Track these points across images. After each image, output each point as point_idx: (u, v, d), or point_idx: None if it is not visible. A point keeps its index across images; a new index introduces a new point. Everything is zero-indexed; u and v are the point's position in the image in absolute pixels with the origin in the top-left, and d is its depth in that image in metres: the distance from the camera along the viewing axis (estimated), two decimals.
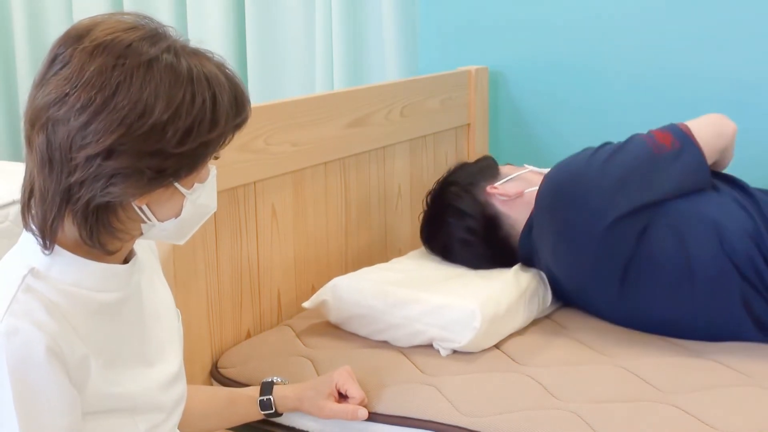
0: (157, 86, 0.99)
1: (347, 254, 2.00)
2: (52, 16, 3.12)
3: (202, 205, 1.12)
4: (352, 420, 1.46)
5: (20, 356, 1.01)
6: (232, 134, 1.08)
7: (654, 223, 1.67)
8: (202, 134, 1.03)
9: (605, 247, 1.68)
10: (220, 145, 1.08)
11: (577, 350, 1.66)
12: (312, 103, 1.87)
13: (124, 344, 1.15)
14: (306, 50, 2.67)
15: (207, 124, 1.03)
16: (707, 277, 1.64)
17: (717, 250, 1.64)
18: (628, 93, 2.31)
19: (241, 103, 1.08)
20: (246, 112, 1.09)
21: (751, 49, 2.17)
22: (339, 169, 1.95)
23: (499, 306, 1.67)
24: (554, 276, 1.81)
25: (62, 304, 1.07)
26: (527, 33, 2.41)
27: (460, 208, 1.89)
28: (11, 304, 1.03)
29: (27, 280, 1.06)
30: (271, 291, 1.80)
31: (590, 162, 1.73)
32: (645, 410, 1.41)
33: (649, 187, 1.69)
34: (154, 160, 1.01)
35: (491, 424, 1.40)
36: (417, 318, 1.65)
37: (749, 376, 1.52)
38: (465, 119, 2.40)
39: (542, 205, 1.77)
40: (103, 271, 1.11)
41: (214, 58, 1.07)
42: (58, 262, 1.09)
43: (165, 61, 1.01)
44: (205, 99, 1.03)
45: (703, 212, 1.68)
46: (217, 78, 1.05)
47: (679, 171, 1.72)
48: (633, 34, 2.29)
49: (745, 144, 2.01)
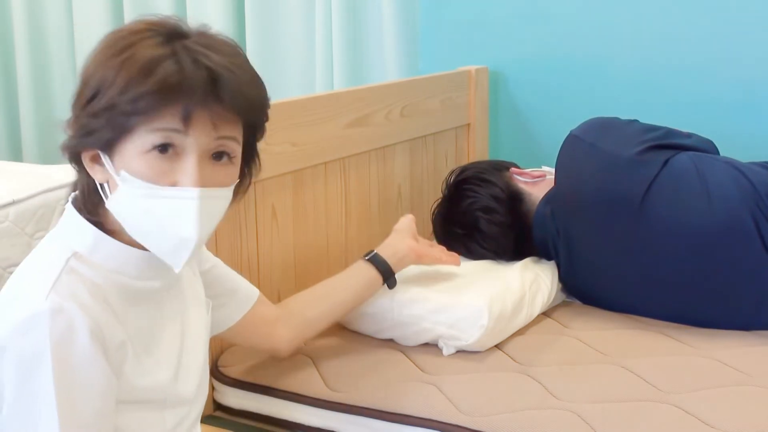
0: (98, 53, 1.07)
1: (347, 254, 2.00)
2: (52, 16, 3.12)
3: (148, 209, 1.05)
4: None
5: (63, 335, 1.01)
6: (150, 106, 1.02)
7: (677, 157, 1.78)
8: (108, 92, 1.03)
9: (635, 166, 1.75)
10: (136, 115, 1.02)
11: (578, 350, 1.66)
12: (312, 103, 1.87)
13: (164, 334, 1.16)
14: (306, 50, 2.67)
15: (105, 84, 1.04)
16: (722, 195, 1.71)
17: (732, 174, 1.73)
18: (629, 93, 2.31)
19: (151, 69, 1.02)
20: (155, 79, 1.02)
21: (754, 48, 2.17)
22: (339, 169, 1.95)
23: (506, 304, 1.67)
24: (567, 229, 1.84)
25: (105, 288, 1.08)
26: (527, 33, 2.41)
27: (486, 178, 1.96)
28: (56, 284, 1.04)
29: (70, 263, 1.07)
30: (271, 291, 1.79)
31: (617, 118, 1.91)
32: (645, 410, 1.41)
33: (669, 137, 1.85)
34: (82, 118, 1.06)
35: (491, 424, 1.40)
36: (424, 316, 1.65)
37: (749, 376, 1.52)
38: (465, 119, 2.40)
39: (576, 133, 1.87)
40: (144, 258, 1.12)
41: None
42: (101, 247, 1.10)
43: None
44: (119, 61, 1.03)
45: (722, 158, 1.83)
46: (148, 45, 1.04)
47: (694, 139, 1.90)
48: (634, 34, 2.29)
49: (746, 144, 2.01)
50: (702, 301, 1.73)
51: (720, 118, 2.20)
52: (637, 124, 1.89)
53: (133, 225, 1.08)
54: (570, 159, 1.86)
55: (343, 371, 1.58)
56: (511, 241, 1.91)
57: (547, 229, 1.88)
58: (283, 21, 2.68)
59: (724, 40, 2.19)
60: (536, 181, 1.97)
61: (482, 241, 1.91)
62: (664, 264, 1.73)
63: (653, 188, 1.73)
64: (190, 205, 1.05)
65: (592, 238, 1.81)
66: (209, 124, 1.05)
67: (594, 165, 1.80)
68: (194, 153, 1.05)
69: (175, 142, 1.04)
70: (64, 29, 3.10)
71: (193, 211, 1.05)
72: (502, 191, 1.94)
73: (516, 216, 1.92)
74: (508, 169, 2.01)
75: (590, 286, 1.87)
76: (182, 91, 1.02)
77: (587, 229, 1.81)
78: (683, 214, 1.71)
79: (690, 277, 1.72)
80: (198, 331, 1.25)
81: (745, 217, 1.68)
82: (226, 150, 1.09)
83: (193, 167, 1.05)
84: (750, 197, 1.69)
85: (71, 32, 3.07)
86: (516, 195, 1.95)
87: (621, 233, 1.76)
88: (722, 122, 2.19)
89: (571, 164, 1.85)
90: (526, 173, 1.99)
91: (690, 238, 1.70)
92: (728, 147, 1.95)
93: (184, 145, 1.05)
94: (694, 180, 1.74)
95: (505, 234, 1.91)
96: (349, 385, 1.54)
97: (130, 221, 1.08)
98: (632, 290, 1.80)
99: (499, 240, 1.91)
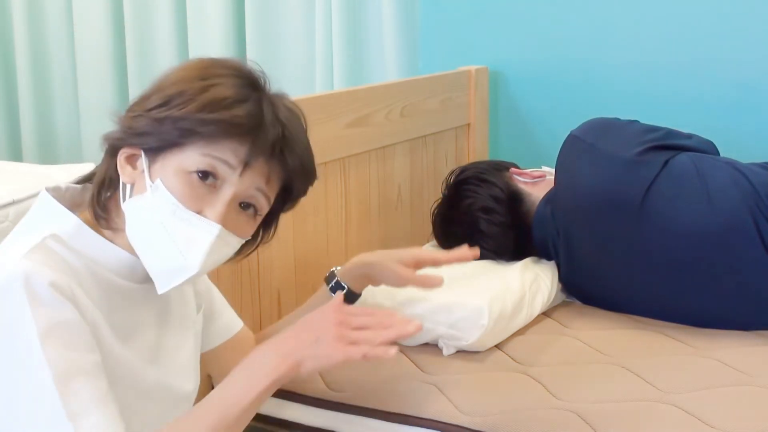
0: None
1: (347, 254, 2.00)
2: (52, 16, 3.12)
3: (165, 224, 1.06)
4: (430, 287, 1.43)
5: (40, 294, 1.01)
6: (202, 136, 1.05)
7: (677, 158, 1.77)
8: (183, 106, 1.05)
9: (635, 167, 1.75)
10: (200, 136, 1.04)
11: (578, 350, 1.66)
12: (312, 103, 1.87)
13: (138, 331, 1.15)
14: (306, 50, 2.67)
15: (181, 99, 1.05)
16: (722, 195, 1.70)
17: (732, 175, 1.73)
18: (629, 93, 2.31)
19: (234, 103, 1.06)
20: (235, 113, 1.05)
21: (754, 48, 2.17)
22: (339, 169, 1.94)
23: (506, 303, 1.67)
24: (567, 229, 1.83)
25: (80, 271, 1.07)
26: (527, 33, 2.41)
27: (486, 178, 1.96)
28: (28, 253, 1.04)
29: (46, 241, 1.07)
30: (271, 291, 1.80)
31: (617, 119, 1.91)
32: (645, 410, 1.41)
33: (669, 138, 1.85)
34: (142, 119, 1.07)
35: (491, 424, 1.40)
36: (425, 316, 1.65)
37: (749, 376, 1.53)
38: (465, 119, 2.40)
39: (576, 133, 1.87)
40: (123, 257, 1.12)
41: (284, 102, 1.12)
42: (82, 236, 1.10)
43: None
44: (203, 85, 1.06)
45: (722, 159, 1.83)
46: (234, 83, 1.07)
47: (694, 140, 1.90)
48: (634, 34, 2.29)
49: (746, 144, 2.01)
50: (702, 302, 1.73)
51: (720, 118, 2.20)
52: (637, 125, 1.89)
53: (140, 233, 1.09)
54: (570, 160, 1.86)
55: (343, 371, 1.58)
56: (511, 241, 1.91)
57: (547, 229, 1.88)
58: (283, 21, 2.68)
59: (724, 40, 2.19)
60: (536, 182, 1.97)
61: (482, 241, 1.91)
62: (665, 264, 1.73)
63: (653, 189, 1.73)
64: (207, 238, 1.07)
65: (592, 239, 1.81)
66: (264, 177, 1.09)
67: (594, 166, 1.80)
68: (231, 192, 1.08)
69: (220, 175, 1.07)
70: (64, 29, 3.10)
71: (207, 243, 1.07)
72: (501, 191, 1.94)
73: (516, 216, 1.93)
74: (507, 170, 2.01)
75: (590, 287, 1.87)
76: (256, 136, 1.06)
77: (587, 230, 1.82)
78: (683, 214, 1.71)
79: (690, 278, 1.72)
80: (184, 324, 1.25)
81: (746, 217, 1.68)
82: (256, 204, 1.11)
83: (223, 204, 1.07)
84: (750, 198, 1.69)
85: (71, 32, 3.06)
86: (516, 195, 1.95)
87: (621, 234, 1.76)
88: (722, 122, 2.19)
89: (571, 165, 1.85)
90: (526, 173, 1.99)
91: (690, 238, 1.70)
92: (728, 147, 1.95)
93: (227, 182, 1.07)
94: (694, 180, 1.74)
95: (504, 234, 1.91)
96: (349, 385, 1.54)
97: (140, 228, 1.09)
98: (632, 290, 1.80)
99: (499, 240, 1.91)
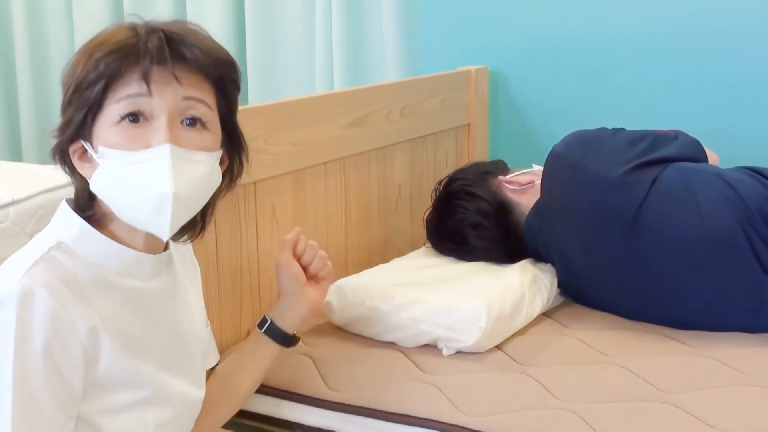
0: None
1: (347, 254, 2.00)
2: (51, 16, 3.12)
3: (126, 178, 1.06)
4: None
5: (28, 317, 1.02)
6: (105, 73, 1.06)
7: (665, 173, 1.75)
8: (75, 75, 1.07)
9: (623, 187, 1.73)
10: (99, 81, 1.06)
11: (578, 350, 1.66)
12: (312, 103, 1.87)
13: (147, 337, 1.15)
14: (306, 50, 2.67)
15: (72, 74, 1.08)
16: (712, 209, 1.69)
17: (721, 189, 1.71)
18: (629, 93, 2.31)
19: (108, 40, 1.07)
20: (111, 43, 1.06)
21: (753, 49, 2.17)
22: (339, 169, 1.95)
23: (504, 305, 1.67)
24: (560, 244, 1.83)
25: (82, 277, 1.08)
26: (527, 33, 2.41)
27: (473, 191, 1.94)
28: (31, 269, 1.05)
29: (51, 251, 1.08)
30: (271, 291, 1.79)
31: (600, 130, 1.88)
32: (645, 410, 1.41)
33: (654, 149, 1.81)
34: (62, 116, 1.11)
35: (491, 424, 1.40)
36: (423, 319, 1.65)
37: (749, 376, 1.52)
38: (465, 119, 2.40)
39: (559, 150, 1.83)
40: (129, 255, 1.12)
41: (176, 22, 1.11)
42: (86, 239, 1.11)
43: None
44: (83, 52, 1.08)
45: (710, 170, 1.80)
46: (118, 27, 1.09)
47: (679, 143, 1.86)
48: (633, 34, 2.29)
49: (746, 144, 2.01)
50: (697, 312, 1.73)
51: (720, 118, 2.20)
52: (621, 136, 1.86)
53: (116, 200, 1.09)
54: (555, 180, 1.84)
55: (343, 371, 1.58)
56: (502, 251, 1.90)
57: (538, 241, 1.87)
58: (283, 21, 2.68)
59: (724, 40, 2.19)
60: (524, 189, 1.93)
61: (473, 254, 1.92)
62: (659, 277, 1.73)
63: (644, 207, 1.72)
64: (163, 161, 1.05)
65: (586, 255, 1.80)
66: (172, 80, 1.06)
67: (581, 186, 1.78)
68: (162, 114, 1.06)
69: (143, 108, 1.06)
70: (64, 29, 3.10)
71: (165, 166, 1.05)
72: (489, 204, 1.92)
73: (505, 228, 1.91)
74: (495, 176, 1.97)
75: (586, 295, 1.86)
76: (138, 52, 1.05)
77: (579, 245, 1.81)
78: (675, 228, 1.70)
79: (685, 290, 1.72)
80: (194, 355, 1.25)
81: (736, 230, 1.68)
82: (197, 114, 1.09)
83: (162, 126, 1.06)
84: (740, 211, 1.68)
85: (71, 32, 3.07)
86: (504, 206, 1.92)
87: (613, 250, 1.75)
88: (722, 122, 2.19)
89: (558, 185, 1.83)
90: (514, 181, 1.95)
91: (683, 252, 1.70)
92: (728, 147, 1.96)
93: (152, 109, 1.06)
94: (683, 195, 1.72)
95: (494, 247, 1.91)
96: (349, 385, 1.54)
97: (113, 197, 1.09)
98: (627, 301, 1.79)
99: (490, 253, 1.91)
